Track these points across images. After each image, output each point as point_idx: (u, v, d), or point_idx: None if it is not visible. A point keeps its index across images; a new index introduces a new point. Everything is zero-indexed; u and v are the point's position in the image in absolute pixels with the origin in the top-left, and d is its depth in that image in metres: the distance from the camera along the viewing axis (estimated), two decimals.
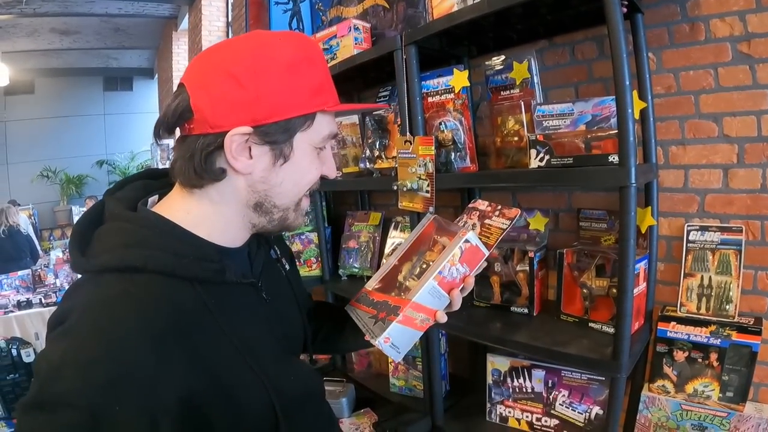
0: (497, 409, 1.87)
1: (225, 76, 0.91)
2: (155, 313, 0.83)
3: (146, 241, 0.90)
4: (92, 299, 0.83)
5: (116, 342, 0.78)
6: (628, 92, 1.23)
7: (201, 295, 0.91)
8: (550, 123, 1.47)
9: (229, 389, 0.90)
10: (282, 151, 0.95)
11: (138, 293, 0.84)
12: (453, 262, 1.09)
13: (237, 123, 0.90)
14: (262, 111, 0.91)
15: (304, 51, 0.96)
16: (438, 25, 1.63)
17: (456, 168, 1.75)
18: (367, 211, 2.63)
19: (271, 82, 0.91)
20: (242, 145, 0.92)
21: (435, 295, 1.08)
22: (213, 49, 0.96)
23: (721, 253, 1.48)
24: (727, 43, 1.45)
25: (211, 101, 0.91)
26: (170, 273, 0.88)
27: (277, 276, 1.23)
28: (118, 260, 0.86)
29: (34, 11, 7.46)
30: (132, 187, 1.05)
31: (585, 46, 1.74)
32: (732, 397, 1.44)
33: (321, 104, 0.96)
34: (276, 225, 1.03)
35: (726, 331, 1.43)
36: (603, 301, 1.56)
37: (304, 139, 0.97)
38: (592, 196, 1.78)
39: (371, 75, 2.30)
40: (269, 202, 0.99)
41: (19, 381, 3.33)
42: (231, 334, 0.93)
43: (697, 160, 1.54)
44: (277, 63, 0.92)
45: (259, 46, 0.94)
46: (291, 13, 2.57)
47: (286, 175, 0.98)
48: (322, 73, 0.98)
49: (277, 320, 1.11)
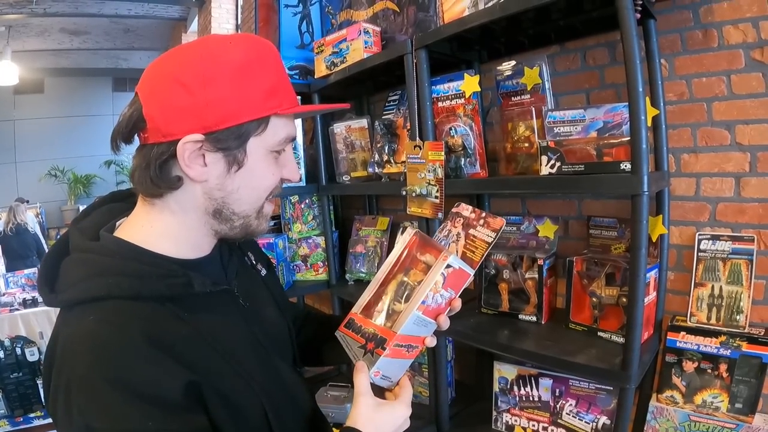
0: (503, 417, 1.86)
1: (174, 84, 0.89)
2: (132, 330, 0.83)
3: (106, 269, 0.89)
4: (71, 335, 0.84)
5: (110, 361, 0.79)
6: (641, 99, 1.21)
7: (173, 310, 0.91)
8: (562, 129, 1.46)
9: (222, 390, 0.90)
10: (236, 158, 0.93)
11: (107, 318, 0.84)
12: (436, 290, 1.05)
13: (188, 130, 0.89)
14: (212, 117, 0.89)
15: (255, 53, 0.94)
16: (449, 30, 1.62)
17: (465, 174, 1.74)
18: (375, 216, 2.62)
19: (220, 87, 0.89)
20: (195, 152, 0.91)
21: (420, 324, 1.06)
22: (164, 57, 0.95)
23: (732, 262, 1.46)
24: (740, 50, 1.43)
25: (161, 110, 0.91)
26: (136, 296, 0.87)
27: (253, 281, 1.23)
28: (83, 292, 0.86)
29: (45, 11, 7.49)
30: (98, 213, 1.06)
31: (597, 52, 1.73)
32: (741, 408, 1.42)
33: (274, 107, 0.94)
34: (238, 232, 1.02)
35: (736, 341, 1.41)
36: (612, 310, 1.55)
37: (259, 143, 0.95)
38: (603, 203, 1.76)
39: (381, 79, 2.31)
40: (228, 209, 0.98)
41: (23, 380, 3.34)
42: (213, 342, 0.93)
43: (709, 168, 1.52)
44: (226, 67, 0.90)
45: (207, 50, 0.92)
46: (301, 16, 2.56)
47: (242, 182, 0.96)
48: (276, 75, 0.97)
49: (257, 324, 1.10)
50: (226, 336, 0.98)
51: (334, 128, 2.38)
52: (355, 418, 1.01)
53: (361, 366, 1.06)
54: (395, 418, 1.05)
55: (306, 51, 2.53)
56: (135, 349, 0.81)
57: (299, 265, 2.69)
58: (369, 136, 2.26)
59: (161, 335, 0.85)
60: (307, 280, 2.68)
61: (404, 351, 1.06)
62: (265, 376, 1.02)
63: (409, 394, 1.08)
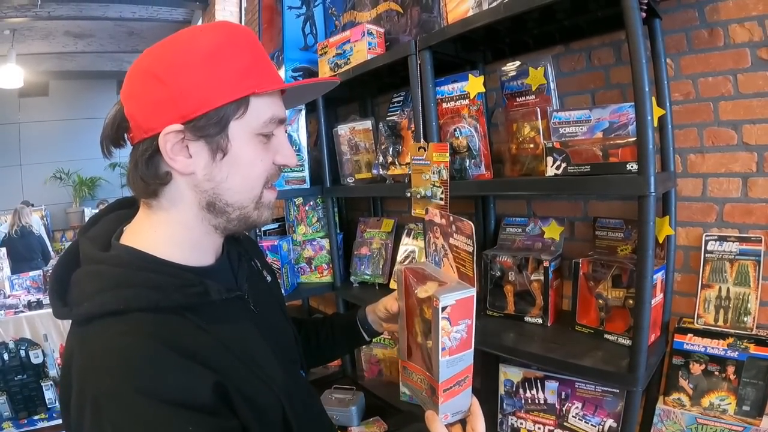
0: (509, 420, 1.85)
1: (147, 78, 0.90)
2: (157, 340, 0.83)
3: (123, 281, 0.88)
4: (93, 351, 0.83)
5: (141, 371, 0.79)
6: (647, 99, 1.20)
7: (192, 320, 0.90)
8: (567, 130, 1.45)
9: (246, 393, 0.90)
10: (218, 144, 0.92)
11: (130, 330, 0.83)
12: (447, 333, 1.02)
13: (167, 122, 0.88)
14: (187, 105, 0.88)
15: (226, 37, 0.93)
16: (453, 30, 1.61)
17: (470, 175, 1.73)
18: (380, 218, 2.62)
19: (192, 73, 0.88)
20: (178, 144, 0.90)
21: (455, 363, 1.04)
22: (141, 56, 0.94)
23: (739, 263, 1.44)
24: (747, 49, 1.42)
25: (139, 106, 0.91)
26: (154, 307, 0.86)
27: (261, 287, 1.22)
28: (100, 306, 0.85)
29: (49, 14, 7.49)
30: (106, 220, 1.05)
31: (602, 52, 1.72)
32: (748, 411, 1.40)
33: (250, 87, 0.92)
34: (236, 224, 1.01)
35: (744, 343, 1.40)
36: (619, 312, 1.53)
37: (242, 127, 0.93)
38: (609, 204, 1.75)
39: (385, 80, 2.30)
40: (221, 201, 0.97)
41: (27, 382, 3.35)
42: (232, 348, 0.93)
43: (715, 169, 1.51)
44: (196, 53, 0.89)
45: (178, 41, 0.92)
46: (304, 17, 2.56)
47: (230, 170, 0.95)
48: (250, 56, 0.95)
49: (268, 330, 1.09)
50: (243, 342, 0.98)
51: (338, 130, 2.38)
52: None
53: (431, 416, 1.04)
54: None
55: (309, 53, 2.53)
56: (163, 358, 0.81)
57: (304, 267, 2.68)
58: (373, 138, 2.26)
59: (185, 344, 0.85)
60: (312, 283, 2.68)
61: (456, 388, 1.05)
62: (283, 379, 1.01)
63: (481, 422, 1.06)
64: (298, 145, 2.39)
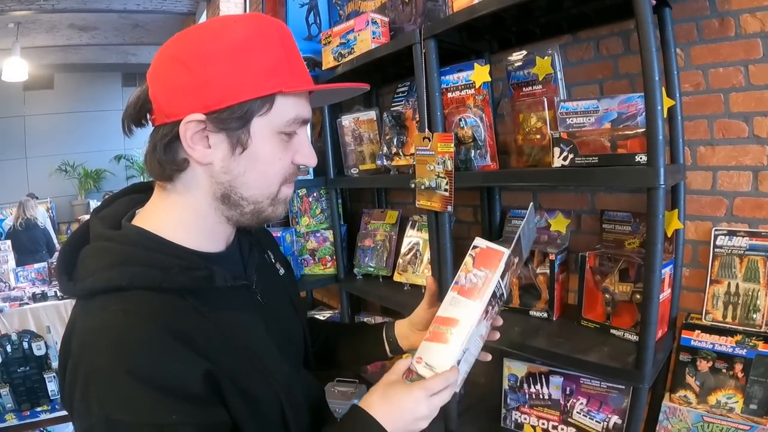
0: (513, 415, 1.84)
1: (174, 63, 0.90)
2: (155, 322, 0.83)
3: (129, 259, 0.88)
4: (91, 326, 0.83)
5: (133, 353, 0.79)
6: (657, 88, 1.18)
7: (193, 304, 0.90)
8: (574, 120, 1.42)
9: (240, 384, 0.90)
10: (239, 139, 0.92)
11: (131, 309, 0.83)
12: (467, 270, 1.06)
13: (189, 110, 0.88)
14: (212, 96, 0.88)
15: (258, 30, 0.92)
16: (458, 18, 1.58)
17: (476, 166, 1.71)
18: (384, 209, 2.60)
19: (220, 64, 0.88)
20: (199, 133, 0.90)
21: (457, 303, 1.06)
22: (171, 39, 0.93)
23: (749, 259, 1.42)
24: (758, 40, 1.39)
25: (163, 89, 0.91)
26: (158, 287, 0.86)
27: (272, 278, 1.21)
28: (105, 282, 0.85)
29: (53, 7, 7.50)
30: (119, 203, 1.05)
31: (610, 41, 1.69)
32: (756, 409, 1.38)
33: (278, 85, 0.91)
34: (250, 218, 1.00)
35: (752, 341, 1.37)
36: (625, 306, 1.51)
37: (264, 124, 0.93)
38: (616, 197, 1.73)
39: (389, 70, 2.28)
40: (236, 194, 0.96)
41: (30, 374, 3.35)
42: (232, 337, 0.92)
43: (726, 162, 1.48)
44: (226, 44, 0.88)
45: (209, 29, 0.92)
46: (308, 7, 2.54)
47: (248, 165, 0.94)
48: (281, 52, 0.93)
49: (274, 322, 1.09)
50: (244, 332, 0.97)
51: (342, 120, 2.37)
52: (369, 392, 1.03)
53: (400, 362, 1.06)
54: (404, 401, 1.00)
55: (313, 42, 2.51)
56: (158, 341, 0.81)
57: (307, 259, 2.67)
58: (377, 129, 2.24)
59: (183, 328, 0.85)
60: (315, 274, 2.67)
61: (445, 335, 1.05)
62: (282, 372, 1.01)
63: (435, 383, 1.01)
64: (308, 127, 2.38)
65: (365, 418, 0.98)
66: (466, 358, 1.08)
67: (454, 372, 1.03)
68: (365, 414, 0.99)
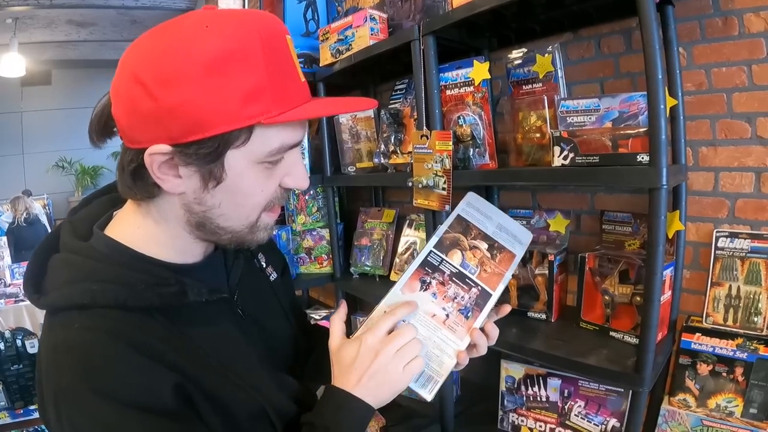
0: (510, 417, 1.83)
1: (134, 83, 0.75)
2: (118, 338, 0.78)
3: (92, 274, 0.82)
4: (55, 344, 0.79)
5: (98, 371, 0.75)
6: (660, 87, 1.15)
7: (161, 322, 0.84)
8: (575, 119, 1.40)
9: (219, 400, 0.85)
10: (211, 173, 0.80)
11: (94, 326, 0.78)
12: None
13: (153, 140, 0.76)
14: (176, 127, 0.74)
15: (236, 41, 0.74)
16: (457, 14, 1.56)
17: (474, 165, 1.69)
18: (381, 208, 2.59)
19: (185, 90, 0.72)
20: (167, 163, 0.78)
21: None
22: (133, 46, 0.79)
23: (751, 261, 1.40)
24: (762, 39, 1.37)
25: (124, 112, 0.79)
26: (122, 305, 0.80)
27: (260, 287, 1.14)
28: (66, 298, 0.80)
29: (51, 3, 7.47)
30: (98, 203, 1.00)
31: (612, 40, 1.67)
32: (756, 414, 1.37)
33: (256, 115, 0.76)
34: (228, 243, 0.92)
35: (753, 344, 1.36)
36: (625, 308, 1.50)
37: (242, 156, 0.80)
38: (617, 197, 1.71)
39: (388, 67, 2.26)
40: (211, 224, 0.86)
41: (23, 372, 3.33)
42: (206, 353, 0.87)
43: (728, 163, 1.47)
44: (194, 63, 0.72)
45: (176, 40, 0.75)
46: (306, 3, 2.52)
47: (224, 197, 0.83)
48: (261, 72, 0.76)
49: (256, 336, 1.02)
50: (222, 347, 0.91)
51: (339, 118, 2.35)
52: None
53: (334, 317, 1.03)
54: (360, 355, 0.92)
55: (311, 39, 2.49)
56: (123, 358, 0.76)
57: (303, 257, 2.66)
58: (375, 126, 2.22)
59: (150, 344, 0.79)
60: (311, 273, 2.65)
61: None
62: (269, 386, 0.95)
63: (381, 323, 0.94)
64: None
65: (336, 395, 0.91)
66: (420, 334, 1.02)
67: (400, 309, 0.98)
68: (334, 390, 0.92)
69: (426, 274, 1.05)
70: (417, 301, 1.02)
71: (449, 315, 1.04)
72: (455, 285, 1.06)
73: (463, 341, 1.04)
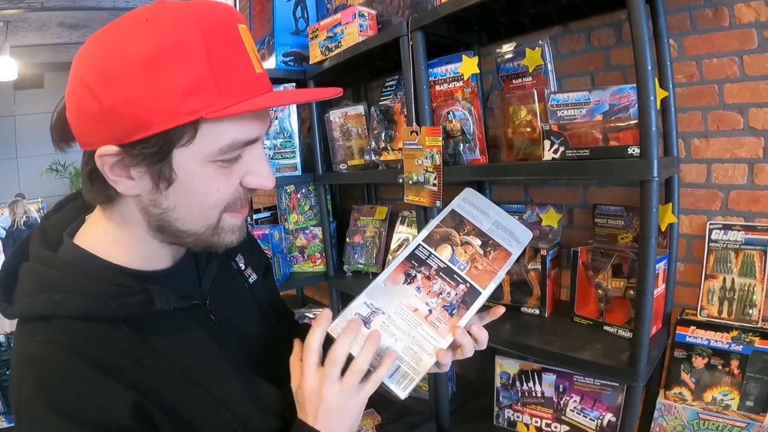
0: (505, 413, 1.82)
1: (80, 86, 0.73)
2: (78, 354, 0.76)
3: (54, 285, 0.80)
4: (19, 356, 0.78)
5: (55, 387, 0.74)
6: (650, 78, 1.15)
7: (126, 332, 0.81)
8: (565, 113, 1.40)
9: (181, 414, 0.83)
10: (161, 173, 0.76)
11: (55, 339, 0.76)
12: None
13: (101, 141, 0.74)
14: (120, 127, 0.72)
15: (172, 37, 0.71)
16: (446, 9, 1.55)
17: (465, 160, 1.68)
18: (373, 206, 2.58)
19: (124, 87, 0.70)
20: (119, 164, 0.76)
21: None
22: (81, 49, 0.76)
23: (745, 253, 1.40)
24: (753, 30, 1.36)
25: (74, 115, 0.77)
26: (84, 316, 0.78)
27: (236, 290, 1.11)
28: (29, 309, 0.79)
29: (42, 5, 7.46)
30: (72, 206, 0.97)
31: (602, 32, 1.66)
32: (752, 406, 1.37)
33: (198, 110, 0.72)
34: (194, 246, 0.88)
35: (748, 337, 1.36)
36: (619, 302, 1.50)
37: (192, 154, 0.76)
38: (609, 191, 1.71)
39: (378, 64, 2.25)
40: (171, 227, 0.83)
41: None
42: (170, 366, 0.84)
43: (720, 154, 1.46)
44: (131, 60, 0.69)
45: (114, 38, 0.72)
46: (295, 1, 2.50)
47: (178, 199, 0.80)
48: (203, 64, 0.72)
49: (232, 342, 0.99)
50: (191, 357, 0.88)
51: (330, 115, 2.34)
52: None
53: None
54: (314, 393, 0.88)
55: (301, 37, 2.47)
56: (80, 374, 0.75)
57: (296, 256, 2.65)
58: (366, 123, 2.21)
59: (110, 357, 0.77)
60: (305, 272, 2.65)
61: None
62: (240, 398, 0.92)
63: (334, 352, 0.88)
64: (290, 132, 2.34)
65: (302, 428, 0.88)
66: (393, 330, 0.99)
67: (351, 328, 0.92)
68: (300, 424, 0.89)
69: (412, 267, 1.02)
70: (399, 294, 1.00)
71: (432, 311, 1.01)
72: (442, 280, 1.03)
73: (445, 339, 0.99)
